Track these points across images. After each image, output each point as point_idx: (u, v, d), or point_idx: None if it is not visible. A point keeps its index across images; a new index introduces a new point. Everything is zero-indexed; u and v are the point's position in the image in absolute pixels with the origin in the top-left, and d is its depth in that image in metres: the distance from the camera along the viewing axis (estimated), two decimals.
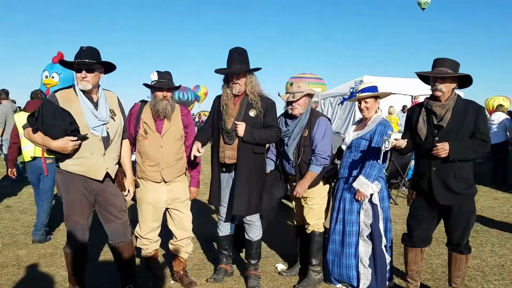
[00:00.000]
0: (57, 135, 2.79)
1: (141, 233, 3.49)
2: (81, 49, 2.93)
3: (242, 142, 3.39)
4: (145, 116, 3.43)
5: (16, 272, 3.87)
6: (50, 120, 2.78)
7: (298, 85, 3.59)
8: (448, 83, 2.98)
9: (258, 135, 3.39)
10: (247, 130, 3.36)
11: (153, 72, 3.39)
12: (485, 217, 6.05)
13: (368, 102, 3.45)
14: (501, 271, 3.96)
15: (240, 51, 3.44)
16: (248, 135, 3.37)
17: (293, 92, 3.52)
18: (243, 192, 3.40)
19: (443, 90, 2.98)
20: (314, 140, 3.50)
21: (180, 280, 3.64)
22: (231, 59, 3.42)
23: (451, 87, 3.01)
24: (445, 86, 2.98)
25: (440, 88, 2.98)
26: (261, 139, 3.42)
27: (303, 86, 3.59)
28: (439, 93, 2.99)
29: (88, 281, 3.28)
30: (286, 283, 3.68)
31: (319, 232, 3.60)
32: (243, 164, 3.41)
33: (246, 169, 3.41)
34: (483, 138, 2.97)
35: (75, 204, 2.96)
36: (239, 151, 3.41)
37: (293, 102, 3.52)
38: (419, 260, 3.30)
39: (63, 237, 4.83)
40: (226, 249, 3.76)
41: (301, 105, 3.55)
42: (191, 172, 3.65)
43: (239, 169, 3.41)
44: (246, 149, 3.41)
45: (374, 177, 3.30)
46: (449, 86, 2.99)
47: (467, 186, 3.04)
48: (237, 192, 3.39)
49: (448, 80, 2.98)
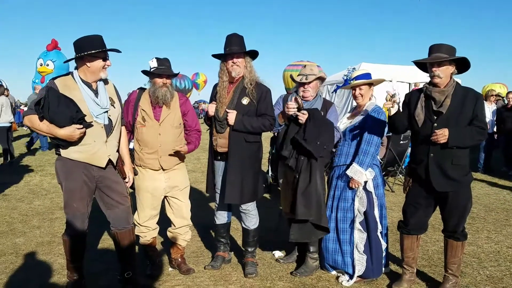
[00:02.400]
0: (63, 123, 2.77)
1: (140, 221, 3.49)
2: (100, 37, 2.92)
3: (233, 130, 3.38)
4: (143, 104, 3.41)
5: (14, 260, 3.88)
6: (56, 107, 2.75)
7: (311, 68, 3.60)
8: (445, 67, 2.98)
9: (249, 123, 3.36)
10: (238, 119, 3.34)
11: (152, 58, 3.37)
12: (482, 204, 6.10)
13: (363, 89, 3.46)
14: (497, 258, 4.00)
15: (238, 36, 3.43)
16: (239, 124, 3.35)
17: (306, 74, 3.52)
18: (235, 180, 3.39)
19: (441, 76, 2.98)
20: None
21: (178, 267, 3.66)
22: (230, 42, 3.40)
23: (449, 72, 3.01)
24: (443, 71, 2.98)
25: (438, 73, 2.98)
26: (252, 127, 3.38)
27: (316, 70, 3.62)
28: (437, 79, 2.99)
29: (86, 268, 3.28)
30: (284, 269, 3.70)
31: None
32: (234, 153, 3.40)
33: (237, 157, 3.39)
34: (481, 125, 2.97)
35: (75, 191, 2.95)
36: (230, 139, 3.40)
37: (305, 84, 3.52)
38: (415, 247, 3.32)
39: (60, 225, 4.83)
40: (224, 237, 3.78)
41: (313, 88, 3.55)
42: (190, 139, 3.55)
43: (230, 157, 3.40)
44: (237, 137, 3.39)
45: (368, 164, 3.31)
46: (446, 71, 2.99)
47: (464, 173, 3.05)
48: (229, 180, 3.39)
49: (445, 65, 2.97)
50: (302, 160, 3.30)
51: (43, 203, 6.07)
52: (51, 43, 11.79)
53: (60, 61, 11.42)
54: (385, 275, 3.53)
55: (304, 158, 3.30)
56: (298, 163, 3.32)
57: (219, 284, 3.41)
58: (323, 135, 3.24)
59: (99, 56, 2.90)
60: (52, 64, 11.56)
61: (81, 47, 2.87)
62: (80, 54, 2.86)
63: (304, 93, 3.56)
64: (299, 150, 3.30)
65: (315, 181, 3.27)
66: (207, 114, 3.58)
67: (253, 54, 3.49)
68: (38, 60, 11.67)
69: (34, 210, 5.70)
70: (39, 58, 11.69)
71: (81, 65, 2.93)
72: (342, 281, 3.41)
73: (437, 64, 2.97)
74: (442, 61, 2.96)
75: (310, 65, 3.71)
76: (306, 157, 3.29)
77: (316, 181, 3.28)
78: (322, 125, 3.28)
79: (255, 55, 3.51)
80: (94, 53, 2.86)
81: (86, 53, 2.84)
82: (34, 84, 11.87)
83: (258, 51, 3.47)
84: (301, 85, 3.57)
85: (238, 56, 3.38)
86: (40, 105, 2.76)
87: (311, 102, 3.57)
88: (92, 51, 2.84)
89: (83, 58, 2.89)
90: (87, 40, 2.87)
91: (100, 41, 2.90)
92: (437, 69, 2.97)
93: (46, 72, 11.54)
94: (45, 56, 11.64)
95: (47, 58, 11.60)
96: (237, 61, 3.38)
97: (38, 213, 5.55)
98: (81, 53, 2.85)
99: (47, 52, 11.69)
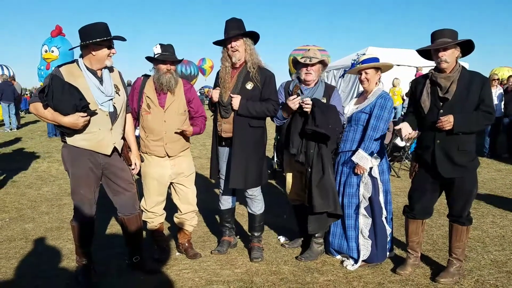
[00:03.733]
0: (67, 111, 2.78)
1: (147, 207, 3.53)
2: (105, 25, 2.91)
3: (237, 115, 3.39)
4: (148, 91, 3.41)
5: (24, 246, 3.95)
6: (59, 95, 2.77)
7: (315, 52, 3.60)
8: (451, 51, 2.97)
9: (253, 108, 3.37)
10: (242, 103, 3.34)
11: (156, 45, 3.36)
12: (487, 188, 6.09)
13: (369, 73, 3.42)
14: (501, 242, 4.01)
15: (236, 19, 3.41)
16: (243, 108, 3.35)
17: (310, 57, 3.52)
18: (240, 165, 3.41)
19: (448, 60, 2.97)
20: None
21: (185, 252, 3.71)
22: (228, 27, 3.40)
23: (455, 56, 3.00)
24: (449, 56, 2.96)
25: (445, 59, 2.96)
26: (256, 112, 3.38)
27: (318, 54, 3.62)
28: (444, 64, 2.97)
29: (95, 253, 3.34)
30: (289, 254, 3.75)
31: None
32: (239, 138, 3.41)
33: (242, 142, 3.41)
34: (488, 110, 2.96)
35: (81, 178, 2.98)
36: (234, 124, 3.41)
37: (309, 66, 3.51)
38: (420, 232, 3.34)
39: (69, 211, 4.90)
40: (229, 222, 3.82)
41: (316, 71, 3.55)
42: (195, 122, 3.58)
43: (235, 142, 3.41)
44: (242, 122, 3.40)
45: (374, 150, 3.30)
46: (452, 55, 2.98)
47: (470, 158, 3.05)
48: (234, 165, 3.41)
49: (450, 48, 2.96)
50: (312, 153, 3.32)
51: (51, 189, 6.15)
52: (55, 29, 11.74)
53: (65, 48, 11.39)
54: (389, 259, 3.56)
55: (314, 151, 3.32)
56: (307, 157, 3.34)
57: (225, 268, 3.46)
58: (331, 118, 3.27)
59: (104, 44, 2.90)
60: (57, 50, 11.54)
61: (86, 35, 2.86)
62: (85, 42, 2.86)
63: (307, 76, 3.54)
64: (307, 142, 3.32)
65: (328, 172, 3.31)
66: (211, 100, 3.59)
67: (253, 37, 3.46)
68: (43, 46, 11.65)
69: (42, 196, 5.77)
70: (43, 44, 11.67)
71: (86, 53, 2.93)
72: (346, 265, 3.44)
73: (443, 49, 2.95)
74: (448, 45, 2.94)
75: (313, 49, 3.70)
76: (317, 146, 3.31)
77: (329, 171, 3.32)
78: (327, 110, 3.30)
79: (256, 38, 3.49)
80: (99, 41, 2.86)
81: (91, 41, 2.84)
82: (39, 71, 11.89)
83: (259, 33, 3.44)
84: (304, 67, 3.55)
85: (236, 39, 3.37)
86: (44, 93, 2.78)
87: (313, 88, 3.56)
88: (97, 39, 2.84)
89: (88, 46, 2.89)
90: (93, 28, 2.87)
91: (105, 29, 2.89)
92: (444, 54, 2.95)
93: (51, 59, 11.53)
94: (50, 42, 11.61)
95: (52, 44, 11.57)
96: (236, 45, 3.36)
97: (47, 199, 5.62)
98: (86, 41, 2.85)
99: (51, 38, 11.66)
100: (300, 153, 3.37)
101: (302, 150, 3.37)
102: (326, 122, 3.22)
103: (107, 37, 2.87)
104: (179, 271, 3.39)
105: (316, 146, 3.35)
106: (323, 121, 3.21)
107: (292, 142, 3.39)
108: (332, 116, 3.29)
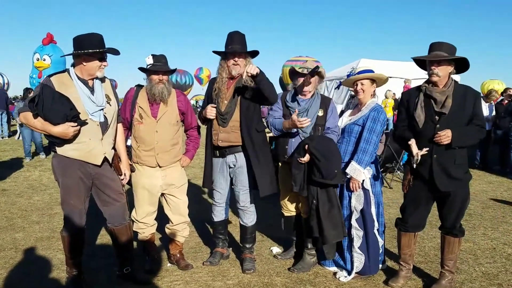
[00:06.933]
0: (57, 121, 2.77)
1: (137, 217, 3.50)
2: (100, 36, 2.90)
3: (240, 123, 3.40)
4: (140, 101, 3.41)
5: (14, 255, 3.90)
6: (49, 105, 2.76)
7: (312, 64, 3.62)
8: (444, 66, 2.97)
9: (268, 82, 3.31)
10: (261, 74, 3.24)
11: (148, 55, 3.37)
12: (479, 200, 6.13)
13: (365, 84, 3.43)
14: (493, 254, 4.03)
15: (240, 34, 3.42)
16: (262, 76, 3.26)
17: (308, 68, 3.53)
18: (265, 171, 3.45)
19: (440, 74, 2.97)
20: (330, 119, 3.54)
21: (176, 263, 3.68)
22: (232, 40, 3.38)
23: (448, 71, 3.00)
24: (442, 70, 2.96)
25: (437, 72, 2.96)
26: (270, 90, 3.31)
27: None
28: (435, 77, 2.98)
29: (85, 263, 3.31)
30: (281, 266, 3.73)
31: None
32: (250, 144, 3.40)
33: (254, 149, 3.41)
34: (480, 124, 2.99)
35: (71, 188, 2.96)
36: (242, 132, 3.41)
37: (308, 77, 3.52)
38: (412, 244, 3.34)
39: (59, 221, 4.84)
40: (222, 233, 3.80)
41: (313, 82, 3.55)
42: (188, 146, 3.66)
43: (249, 151, 3.40)
44: (248, 129, 3.40)
45: (366, 163, 3.31)
46: (445, 70, 2.97)
47: (465, 171, 3.07)
48: (258, 174, 3.42)
49: (444, 64, 2.96)
50: (316, 187, 3.34)
51: (42, 199, 6.09)
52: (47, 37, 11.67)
53: (57, 56, 11.33)
54: (381, 272, 3.55)
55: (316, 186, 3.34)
56: (310, 191, 3.36)
57: (217, 279, 3.43)
58: (334, 162, 3.27)
59: (96, 56, 2.89)
60: (49, 58, 11.47)
61: (79, 44, 2.86)
62: (77, 52, 2.86)
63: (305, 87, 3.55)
64: (310, 179, 3.34)
65: (334, 201, 3.33)
66: (200, 115, 3.58)
67: (253, 53, 3.49)
68: (35, 55, 11.57)
69: (33, 205, 5.71)
70: (35, 52, 11.58)
71: (78, 62, 2.93)
72: (339, 277, 3.43)
73: (437, 62, 2.96)
74: (441, 60, 2.95)
75: (311, 60, 3.74)
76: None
77: (335, 199, 3.34)
78: (328, 154, 3.26)
79: (255, 54, 3.52)
80: (91, 53, 2.85)
81: (83, 52, 2.84)
82: (31, 79, 11.82)
83: (259, 50, 3.46)
84: (301, 77, 3.55)
85: (240, 55, 3.38)
86: (34, 103, 2.77)
87: (309, 99, 3.58)
88: (89, 50, 2.84)
89: (80, 56, 2.89)
90: (86, 38, 2.86)
91: (98, 40, 2.88)
92: (436, 68, 2.96)
93: (43, 67, 11.45)
94: (41, 50, 11.53)
95: (44, 52, 11.49)
96: (239, 60, 3.38)
97: (38, 208, 5.56)
98: (78, 51, 2.85)
99: (43, 46, 11.58)
100: (303, 189, 3.39)
101: (304, 186, 3.39)
102: (332, 170, 3.23)
103: (100, 49, 2.87)
104: (170, 283, 3.36)
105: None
106: (329, 171, 3.22)
107: (294, 181, 3.40)
108: (334, 160, 3.27)
